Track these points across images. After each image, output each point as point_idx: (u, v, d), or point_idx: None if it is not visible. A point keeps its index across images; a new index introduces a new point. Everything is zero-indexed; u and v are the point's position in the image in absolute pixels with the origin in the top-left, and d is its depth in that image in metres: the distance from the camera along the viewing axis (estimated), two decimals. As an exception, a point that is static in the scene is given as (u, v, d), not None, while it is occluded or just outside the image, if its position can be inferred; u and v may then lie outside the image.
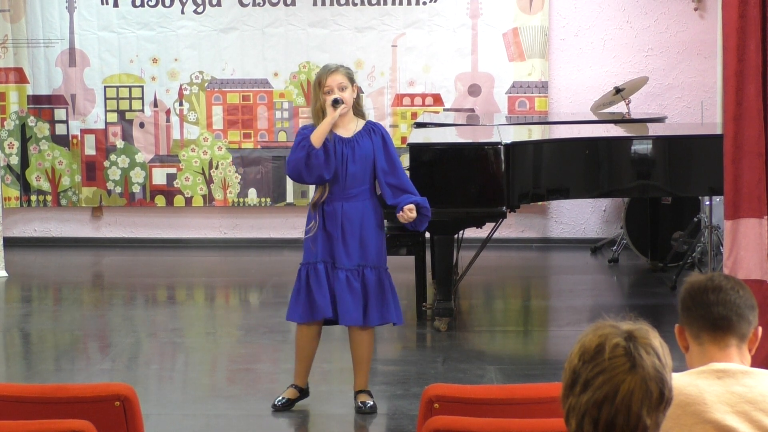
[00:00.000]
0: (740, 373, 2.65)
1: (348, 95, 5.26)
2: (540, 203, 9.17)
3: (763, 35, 5.27)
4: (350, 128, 5.34)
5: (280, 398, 5.46)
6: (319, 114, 5.25)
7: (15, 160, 9.74)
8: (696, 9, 9.43)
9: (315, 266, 5.31)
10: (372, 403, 5.41)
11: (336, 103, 5.19)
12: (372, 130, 5.36)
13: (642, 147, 7.05)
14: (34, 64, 9.64)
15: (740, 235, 5.38)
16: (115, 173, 9.72)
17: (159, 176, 9.73)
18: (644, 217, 8.51)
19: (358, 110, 5.38)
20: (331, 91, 5.22)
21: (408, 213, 5.25)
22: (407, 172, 6.69)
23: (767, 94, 5.30)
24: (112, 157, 9.70)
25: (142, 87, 9.65)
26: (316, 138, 5.20)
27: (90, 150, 9.71)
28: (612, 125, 8.32)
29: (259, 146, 9.62)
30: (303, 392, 5.51)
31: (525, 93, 9.48)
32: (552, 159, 6.93)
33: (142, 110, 9.68)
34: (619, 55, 9.50)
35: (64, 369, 6.38)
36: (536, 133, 8.11)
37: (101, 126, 9.69)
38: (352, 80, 5.31)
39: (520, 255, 9.39)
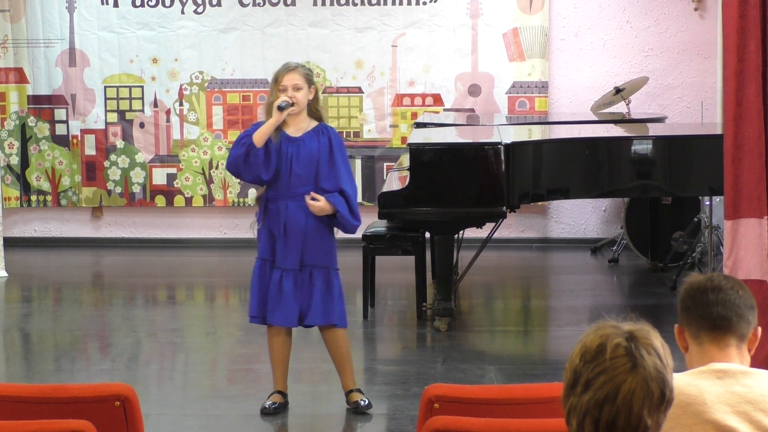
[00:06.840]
0: (740, 374, 2.65)
1: (302, 96, 5.20)
2: (540, 203, 9.17)
3: (763, 35, 5.27)
4: (301, 128, 5.27)
5: (270, 402, 5.41)
6: (271, 110, 5.20)
7: (15, 160, 9.74)
8: (696, 9, 9.43)
9: (256, 264, 5.38)
10: (366, 401, 5.39)
11: (281, 108, 5.13)
12: (322, 131, 5.28)
13: (642, 147, 7.05)
14: (34, 64, 9.64)
15: (740, 235, 5.38)
16: (115, 173, 9.72)
17: (159, 176, 9.73)
18: (644, 217, 8.50)
19: (313, 112, 5.30)
20: (285, 89, 5.18)
21: (313, 200, 5.18)
22: (407, 173, 6.72)
23: (767, 94, 5.31)
24: (112, 157, 9.70)
25: (142, 87, 9.65)
26: (258, 137, 5.14)
27: (90, 150, 9.71)
28: (612, 125, 8.32)
29: (259, 146, 9.60)
30: (286, 398, 5.46)
31: (525, 93, 9.48)
32: (552, 159, 6.93)
33: (142, 110, 9.67)
34: (619, 55, 9.49)
35: (64, 369, 6.38)
36: (536, 133, 8.11)
37: (101, 126, 9.69)
38: (310, 82, 5.25)
39: (520, 255, 9.39)
